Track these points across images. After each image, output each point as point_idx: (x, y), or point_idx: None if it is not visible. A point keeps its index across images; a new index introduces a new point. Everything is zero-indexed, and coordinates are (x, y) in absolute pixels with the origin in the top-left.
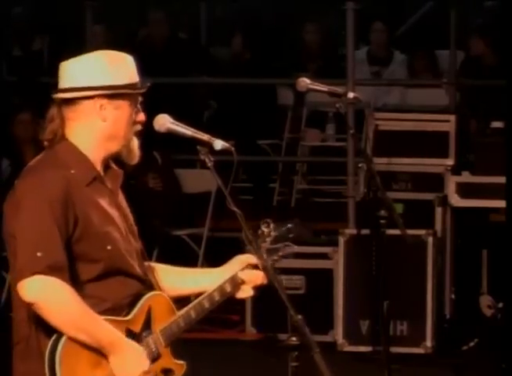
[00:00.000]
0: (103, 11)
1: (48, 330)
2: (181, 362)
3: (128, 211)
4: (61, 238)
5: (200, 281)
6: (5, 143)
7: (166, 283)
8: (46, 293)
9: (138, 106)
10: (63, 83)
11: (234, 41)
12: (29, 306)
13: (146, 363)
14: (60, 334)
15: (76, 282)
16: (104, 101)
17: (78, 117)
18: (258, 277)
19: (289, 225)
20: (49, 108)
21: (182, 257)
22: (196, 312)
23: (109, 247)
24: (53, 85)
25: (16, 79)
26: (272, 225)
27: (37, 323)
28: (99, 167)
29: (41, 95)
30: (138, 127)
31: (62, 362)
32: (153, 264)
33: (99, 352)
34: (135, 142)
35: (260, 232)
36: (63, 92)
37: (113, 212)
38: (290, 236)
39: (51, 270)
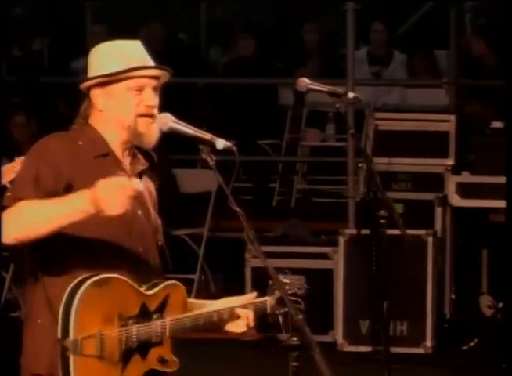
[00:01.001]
0: (103, 11)
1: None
2: (176, 359)
3: (148, 200)
4: (36, 184)
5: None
6: (5, 143)
7: None
8: (7, 215)
9: (146, 89)
10: None
11: (243, 43)
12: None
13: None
14: (79, 283)
15: (71, 262)
16: (98, 91)
17: (91, 107)
18: (252, 319)
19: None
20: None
21: (182, 257)
22: (204, 321)
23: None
24: (53, 85)
25: (15, 79)
26: (288, 279)
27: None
28: (120, 155)
29: (41, 95)
30: (143, 109)
31: (79, 307)
32: None
33: (115, 311)
34: (145, 125)
35: (278, 279)
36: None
37: None
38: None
39: (15, 201)
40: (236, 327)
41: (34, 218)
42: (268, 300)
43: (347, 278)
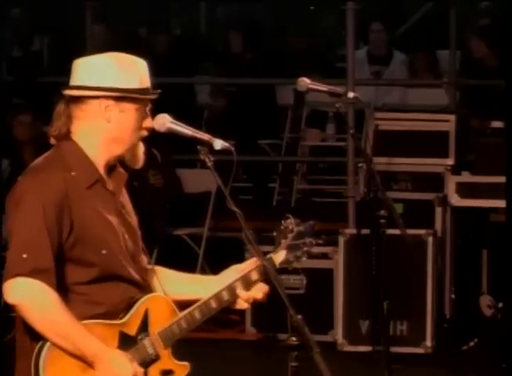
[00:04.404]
0: (103, 11)
1: (34, 332)
2: (184, 363)
3: (131, 213)
4: (50, 242)
5: (198, 290)
6: (5, 143)
7: (166, 287)
8: (28, 296)
9: (147, 111)
10: (73, 80)
11: (233, 41)
12: (13, 308)
13: (130, 372)
14: (41, 347)
15: (69, 285)
16: (110, 102)
17: (84, 115)
18: (258, 292)
19: (311, 222)
20: (55, 105)
21: (182, 257)
22: (202, 313)
23: (104, 252)
24: (53, 85)
25: (15, 79)
26: (293, 221)
27: (25, 323)
28: (102, 169)
29: (41, 95)
30: (144, 133)
31: (45, 368)
32: (156, 267)
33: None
34: (140, 148)
35: (282, 227)
36: (71, 89)
37: (112, 217)
38: (311, 232)
39: (35, 273)
40: (242, 304)
41: (56, 330)
42: (276, 255)
43: (347, 278)
